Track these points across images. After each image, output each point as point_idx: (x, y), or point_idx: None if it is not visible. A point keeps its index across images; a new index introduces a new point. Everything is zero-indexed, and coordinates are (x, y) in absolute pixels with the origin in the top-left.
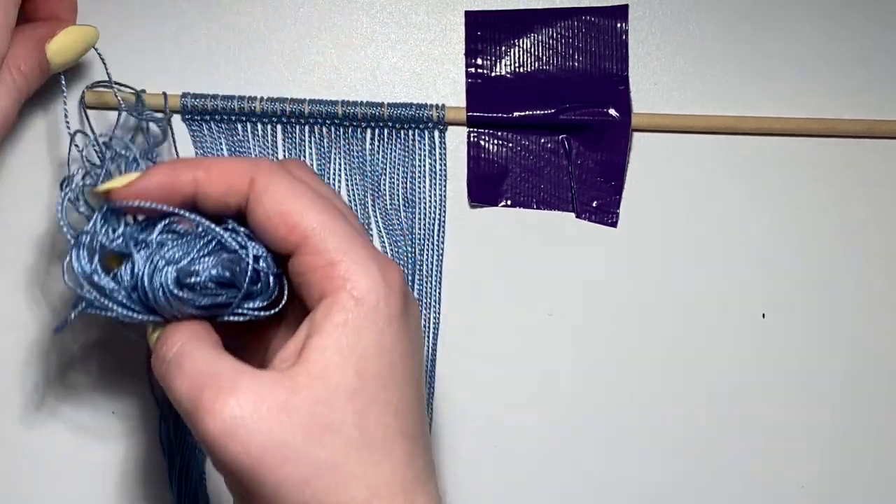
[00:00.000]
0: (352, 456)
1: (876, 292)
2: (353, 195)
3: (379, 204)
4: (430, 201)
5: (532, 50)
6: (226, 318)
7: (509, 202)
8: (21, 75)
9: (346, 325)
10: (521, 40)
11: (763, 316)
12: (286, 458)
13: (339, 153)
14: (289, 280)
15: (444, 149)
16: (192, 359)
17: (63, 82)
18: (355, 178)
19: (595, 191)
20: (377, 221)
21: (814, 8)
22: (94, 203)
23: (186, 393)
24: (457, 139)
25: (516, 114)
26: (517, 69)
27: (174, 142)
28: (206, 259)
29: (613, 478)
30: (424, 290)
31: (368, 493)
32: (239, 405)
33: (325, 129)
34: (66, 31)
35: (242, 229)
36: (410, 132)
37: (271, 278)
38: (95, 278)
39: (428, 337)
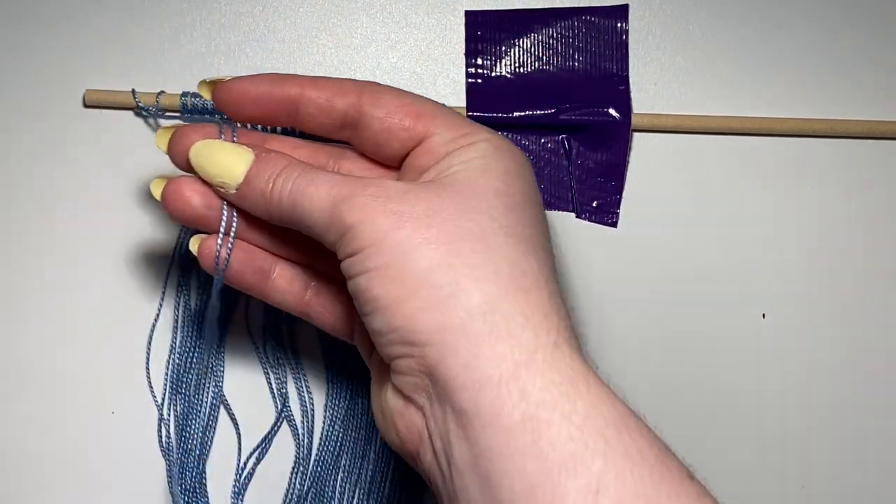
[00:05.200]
0: (498, 234)
1: (876, 292)
2: None
3: None
4: None
5: (532, 50)
6: None
7: None
8: None
9: (485, 153)
10: (521, 40)
11: (763, 316)
12: (432, 222)
13: None
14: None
15: None
16: (322, 173)
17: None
18: None
19: (595, 191)
20: None
21: (814, 8)
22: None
23: (327, 194)
24: None
25: (516, 114)
26: (517, 69)
27: None
28: None
29: None
30: None
31: (513, 271)
32: (386, 187)
33: None
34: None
35: None
36: None
37: None
38: None
39: None
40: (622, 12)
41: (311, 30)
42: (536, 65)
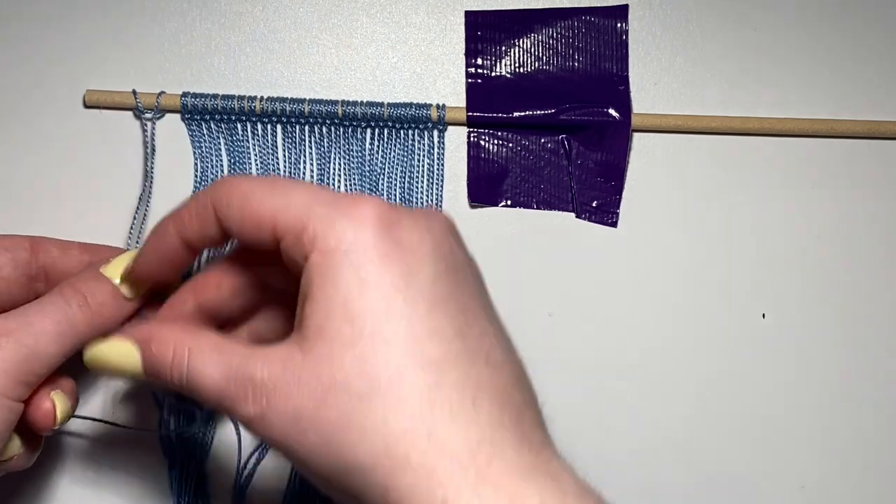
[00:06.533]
0: (360, 409)
1: (876, 292)
2: None
3: None
4: (429, 201)
5: (532, 50)
6: None
7: (509, 202)
8: (87, 309)
9: (323, 280)
10: (521, 40)
11: (763, 316)
12: (305, 427)
13: (339, 153)
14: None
15: (444, 149)
16: (209, 354)
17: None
18: (354, 178)
19: (595, 191)
20: None
21: (814, 8)
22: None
23: (214, 394)
24: (457, 139)
25: (516, 114)
26: (517, 69)
27: (154, 146)
28: None
29: (609, 479)
30: None
31: (386, 443)
32: (257, 400)
33: (325, 129)
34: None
35: None
36: (410, 132)
37: None
38: None
39: None
40: (622, 12)
41: (311, 30)
42: (536, 65)
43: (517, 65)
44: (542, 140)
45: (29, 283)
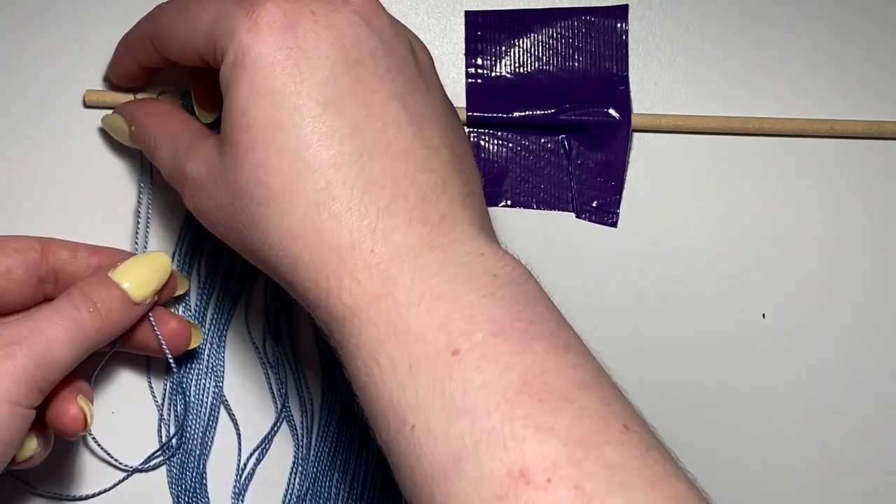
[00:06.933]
0: (259, 214)
1: (876, 292)
2: None
3: None
4: None
5: (532, 50)
6: None
7: (509, 202)
8: (97, 315)
9: (227, 93)
10: (521, 40)
11: (763, 316)
12: (226, 224)
13: None
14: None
15: None
16: (164, 149)
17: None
18: None
19: (595, 191)
20: None
21: (814, 8)
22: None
23: (169, 181)
24: None
25: (516, 114)
26: (517, 69)
27: None
28: None
29: None
30: None
31: (283, 245)
32: (192, 194)
33: None
34: (135, 261)
35: None
36: None
37: None
38: None
39: None
40: (622, 12)
41: None
42: (536, 65)
43: (517, 65)
44: (542, 140)
45: (39, 284)
